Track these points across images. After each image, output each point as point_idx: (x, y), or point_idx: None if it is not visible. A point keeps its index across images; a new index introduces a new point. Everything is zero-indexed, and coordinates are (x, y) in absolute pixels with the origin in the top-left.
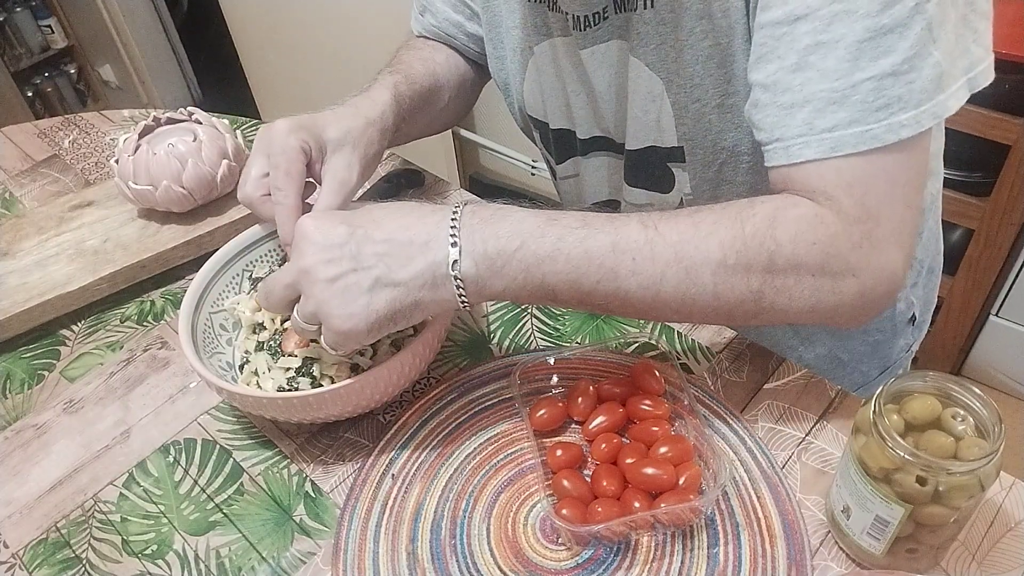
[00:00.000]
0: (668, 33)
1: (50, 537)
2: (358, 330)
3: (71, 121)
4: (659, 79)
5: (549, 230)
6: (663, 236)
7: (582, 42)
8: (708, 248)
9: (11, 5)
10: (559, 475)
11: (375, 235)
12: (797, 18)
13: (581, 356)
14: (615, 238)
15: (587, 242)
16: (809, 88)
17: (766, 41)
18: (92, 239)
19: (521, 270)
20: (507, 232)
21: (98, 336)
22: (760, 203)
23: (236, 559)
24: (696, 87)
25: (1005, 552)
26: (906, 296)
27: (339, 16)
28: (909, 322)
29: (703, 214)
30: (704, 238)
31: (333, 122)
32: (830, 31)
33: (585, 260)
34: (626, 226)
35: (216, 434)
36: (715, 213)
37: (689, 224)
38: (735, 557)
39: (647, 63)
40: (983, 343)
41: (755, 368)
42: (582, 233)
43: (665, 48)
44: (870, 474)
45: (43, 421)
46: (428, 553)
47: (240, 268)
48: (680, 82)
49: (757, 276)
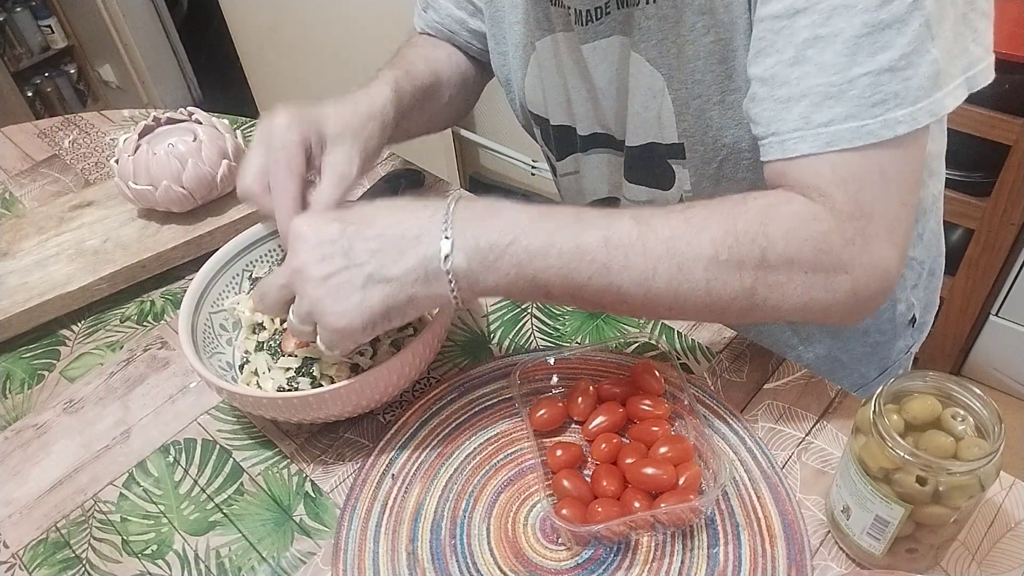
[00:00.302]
0: (669, 29)
1: (50, 537)
2: (352, 328)
3: (71, 121)
4: (660, 75)
5: (542, 225)
6: (655, 231)
7: (583, 37)
8: (700, 244)
9: (11, 5)
10: (559, 475)
11: (367, 231)
12: (796, 11)
13: (581, 356)
14: (607, 233)
15: (579, 237)
16: (806, 82)
17: (765, 35)
18: (92, 239)
19: (513, 265)
20: (500, 227)
21: (98, 336)
22: (753, 199)
23: (236, 559)
24: (697, 83)
25: (1005, 552)
26: (906, 297)
27: (339, 16)
28: (909, 323)
29: (695, 210)
30: (696, 234)
31: (333, 116)
32: (828, 25)
33: (577, 255)
34: (619, 221)
35: (216, 434)
36: (708, 209)
37: (681, 220)
38: (735, 557)
39: (648, 59)
40: (983, 343)
41: (755, 368)
42: (575, 228)
43: (666, 44)
44: (870, 474)
45: (43, 421)
46: (428, 553)
47: (240, 268)
48: (681, 78)
49: (749, 272)
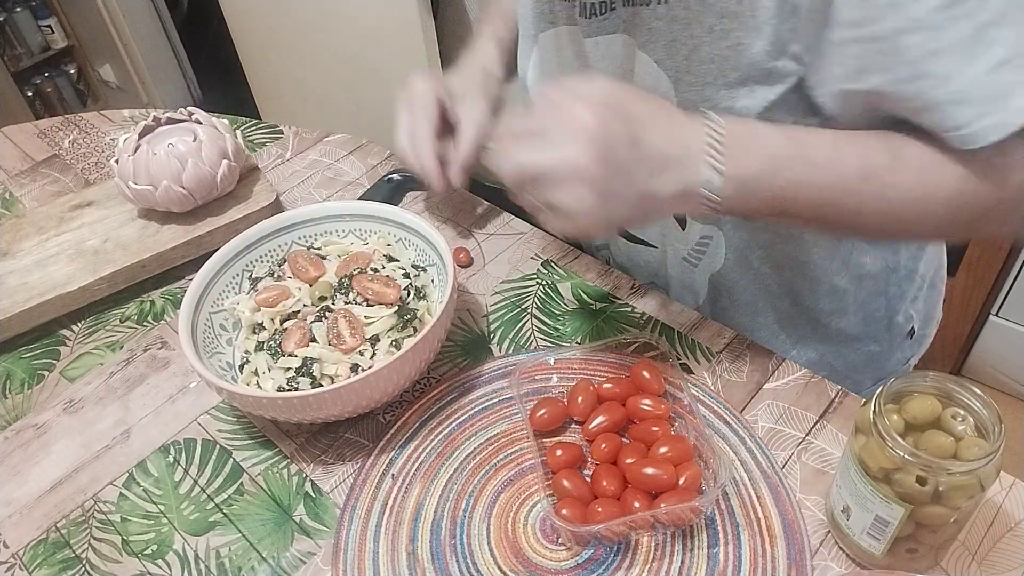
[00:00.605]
0: (680, 30)
1: (50, 537)
2: (599, 230)
3: (71, 121)
4: (667, 76)
5: (802, 153)
6: (907, 164)
7: (587, 31)
8: (946, 182)
9: (11, 5)
10: (559, 475)
11: (644, 143)
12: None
13: (581, 356)
14: (865, 166)
15: (837, 168)
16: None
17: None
18: (92, 239)
19: (770, 195)
20: (761, 157)
21: (98, 336)
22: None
23: (236, 559)
24: (707, 86)
25: (1005, 552)
26: (905, 309)
27: (339, 16)
28: (908, 335)
29: (940, 154)
30: (941, 168)
31: (457, 78)
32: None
33: (831, 188)
34: (874, 153)
35: (216, 434)
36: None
37: (931, 156)
38: (735, 557)
39: (656, 59)
40: (983, 343)
41: (755, 368)
42: (833, 158)
43: (676, 45)
44: (870, 474)
45: (43, 421)
46: (428, 553)
47: (240, 268)
48: (690, 80)
49: (981, 209)
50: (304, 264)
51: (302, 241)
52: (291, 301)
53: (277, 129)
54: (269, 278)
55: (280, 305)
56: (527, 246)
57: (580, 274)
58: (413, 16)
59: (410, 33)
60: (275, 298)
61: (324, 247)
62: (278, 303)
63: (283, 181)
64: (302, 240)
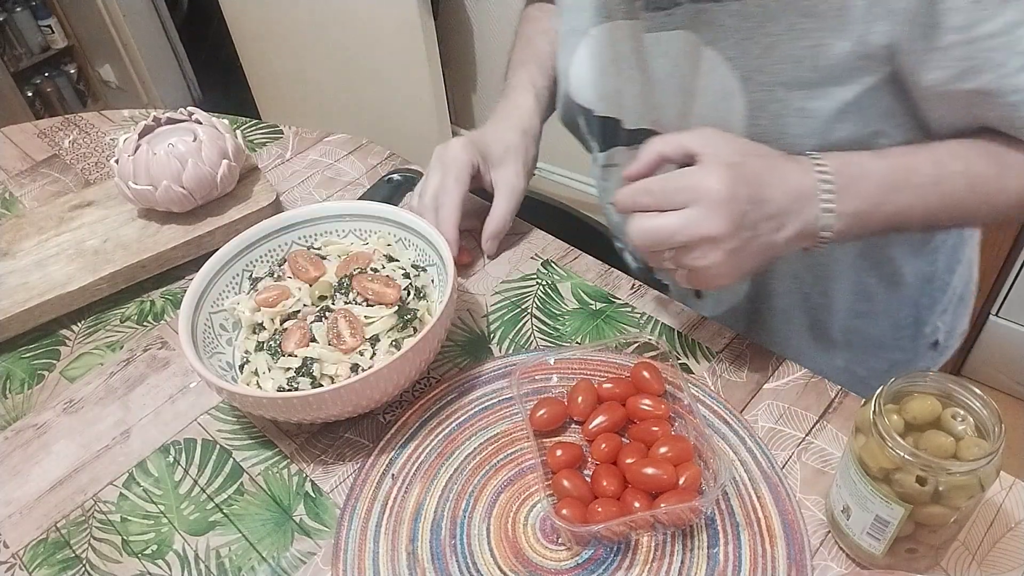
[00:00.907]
0: (754, 28)
1: (50, 537)
2: (727, 282)
3: (71, 121)
4: (736, 75)
5: (908, 179)
6: (1012, 169)
7: (649, 25)
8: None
9: (11, 5)
10: (559, 475)
11: (766, 201)
12: None
13: (581, 356)
14: (970, 180)
15: (942, 186)
16: None
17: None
18: (92, 239)
19: (881, 221)
20: (870, 190)
21: (98, 336)
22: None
23: (236, 559)
24: (780, 85)
25: (1005, 552)
26: (933, 321)
27: (339, 16)
28: (932, 347)
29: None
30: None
31: (494, 140)
32: None
33: (940, 205)
34: (976, 163)
35: (216, 434)
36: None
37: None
38: (735, 557)
39: (727, 57)
40: (983, 343)
41: (755, 368)
42: (938, 177)
43: (750, 43)
44: (870, 474)
45: (43, 421)
46: (428, 553)
47: (240, 268)
48: (762, 79)
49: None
50: (304, 264)
51: (302, 241)
52: (291, 301)
53: (277, 129)
54: (269, 278)
55: (280, 305)
56: (527, 246)
57: (580, 274)
58: (413, 16)
59: (410, 33)
60: (275, 298)
61: (324, 247)
62: (278, 303)
63: (283, 181)
64: (302, 240)
